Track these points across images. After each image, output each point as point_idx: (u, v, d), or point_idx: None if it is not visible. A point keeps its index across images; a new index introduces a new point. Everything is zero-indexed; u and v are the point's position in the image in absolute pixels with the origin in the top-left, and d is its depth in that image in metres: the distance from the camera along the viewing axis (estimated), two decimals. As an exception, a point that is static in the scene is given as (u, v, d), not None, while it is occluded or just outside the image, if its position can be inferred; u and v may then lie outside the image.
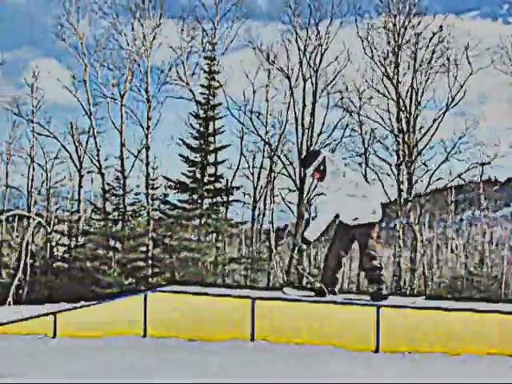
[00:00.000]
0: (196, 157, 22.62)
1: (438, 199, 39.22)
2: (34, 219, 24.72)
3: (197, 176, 22.36)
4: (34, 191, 33.16)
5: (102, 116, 31.28)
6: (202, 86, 23.54)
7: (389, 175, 28.12)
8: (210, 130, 23.01)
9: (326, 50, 26.00)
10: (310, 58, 26.04)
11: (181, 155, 22.56)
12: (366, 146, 28.70)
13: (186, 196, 23.86)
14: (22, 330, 7.14)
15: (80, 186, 32.41)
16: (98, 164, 30.60)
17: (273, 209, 28.97)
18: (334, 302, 5.68)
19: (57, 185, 33.54)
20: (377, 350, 5.41)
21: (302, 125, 25.91)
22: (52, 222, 29.04)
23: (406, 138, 25.88)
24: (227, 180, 24.12)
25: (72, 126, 33.56)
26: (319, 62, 25.84)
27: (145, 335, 6.22)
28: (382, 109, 27.44)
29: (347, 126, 27.86)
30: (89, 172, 34.13)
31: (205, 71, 23.40)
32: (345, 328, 5.51)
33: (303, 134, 25.58)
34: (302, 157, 5.99)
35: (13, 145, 34.73)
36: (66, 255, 24.89)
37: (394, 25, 26.66)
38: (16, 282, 19.89)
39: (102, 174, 30.36)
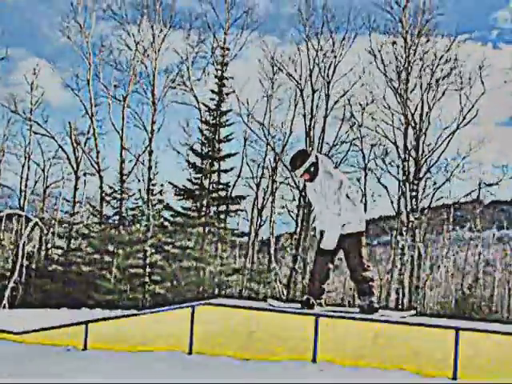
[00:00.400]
0: (203, 163, 22.08)
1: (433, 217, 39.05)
2: (30, 220, 23.93)
3: (203, 183, 21.78)
4: (27, 191, 32.43)
5: (102, 118, 30.81)
6: (213, 91, 23.08)
7: (388, 192, 28.11)
8: (218, 136, 22.42)
9: (339, 61, 25.64)
10: (321, 69, 25.70)
11: (188, 161, 22.01)
12: (366, 161, 28.70)
13: (188, 203, 23.34)
14: (44, 339, 6.59)
15: (76, 188, 31.77)
16: (97, 166, 29.98)
17: (273, 220, 28.47)
18: (407, 324, 5.19)
19: (53, 186, 32.83)
20: (454, 377, 4.92)
21: (309, 136, 25.51)
22: (49, 224, 28.24)
23: (414, 155, 25.64)
24: (228, 187, 23.32)
25: (70, 127, 32.92)
26: (332, 73, 25.49)
27: (190, 352, 5.65)
28: (389, 124, 27.26)
29: (353, 140, 27.56)
30: (85, 174, 33.52)
31: (216, 76, 22.96)
32: (419, 351, 5.01)
33: (310, 146, 25.18)
34: (291, 157, 5.50)
35: (6, 143, 33.95)
36: (62, 258, 24.10)
37: (406, 41, 26.55)
38: (12, 284, 19.06)
39: (101, 177, 29.75)
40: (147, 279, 22.39)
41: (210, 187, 21.84)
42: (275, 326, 5.51)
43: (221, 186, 22.21)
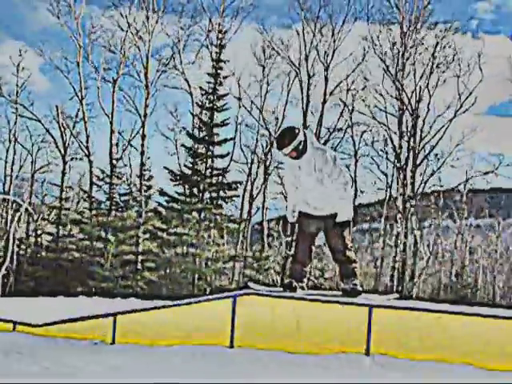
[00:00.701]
0: (197, 148, 21.57)
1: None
2: (20, 205, 23.20)
3: (198, 168, 21.29)
4: (13, 175, 31.58)
5: (90, 102, 30.06)
6: (209, 74, 22.51)
7: (380, 179, 28.12)
8: (215, 120, 21.90)
9: (337, 46, 25.13)
10: (319, 53, 25.19)
11: (184, 145, 21.48)
12: (356, 148, 28.67)
13: (180, 188, 22.86)
14: (69, 332, 6.18)
15: (63, 173, 31.04)
16: (86, 150, 29.27)
17: (266, 206, 28.12)
18: (468, 314, 4.89)
19: (40, 170, 31.95)
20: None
21: (305, 122, 25.15)
22: (38, 209, 27.50)
23: (412, 142, 25.48)
24: (225, 173, 22.82)
25: (58, 110, 32.06)
26: (331, 58, 25.02)
27: (232, 345, 5.29)
28: (383, 110, 27.04)
29: (348, 127, 27.28)
30: (72, 159, 32.77)
31: (212, 59, 22.38)
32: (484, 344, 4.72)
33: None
34: (278, 134, 5.23)
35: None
36: (53, 245, 23.46)
37: (402, 27, 26.29)
38: (3, 271, 18.45)
39: (90, 161, 29.08)
40: (140, 266, 21.96)
41: (207, 173, 21.32)
42: (319, 316, 5.19)
43: (216, 172, 21.68)
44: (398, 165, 26.22)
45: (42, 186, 32.06)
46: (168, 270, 20.99)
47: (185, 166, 21.66)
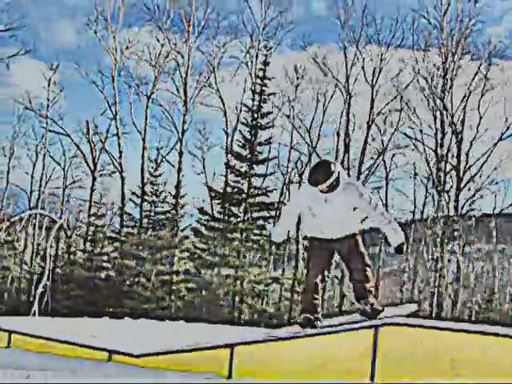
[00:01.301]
0: (242, 167, 21.02)
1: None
2: (55, 221, 22.70)
3: (242, 187, 20.69)
4: (44, 191, 31.40)
5: (122, 116, 29.91)
6: (253, 91, 22.06)
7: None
8: (259, 139, 21.37)
9: (381, 67, 24.70)
10: (365, 73, 24.76)
11: (227, 164, 20.93)
12: (387, 170, 28.41)
13: (217, 208, 22.27)
14: (173, 364, 5.49)
15: (92, 189, 30.77)
16: (119, 167, 28.93)
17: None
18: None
19: (71, 186, 31.67)
20: None
21: (347, 142, 24.57)
22: (72, 225, 27.06)
23: (456, 164, 24.81)
24: (269, 192, 22.18)
25: (88, 125, 31.95)
26: (377, 78, 24.51)
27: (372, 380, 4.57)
28: (425, 133, 26.57)
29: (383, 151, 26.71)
30: (101, 175, 32.57)
31: (257, 76, 22.00)
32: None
33: (347, 152, 24.27)
34: (313, 170, 4.87)
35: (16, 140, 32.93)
36: (88, 263, 22.86)
37: (445, 54, 25.87)
38: (40, 289, 17.84)
39: (123, 178, 28.71)
40: (177, 286, 21.27)
41: (249, 192, 20.69)
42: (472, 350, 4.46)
43: (259, 192, 21.04)
44: (439, 188, 25.57)
45: (70, 201, 31.86)
46: (206, 292, 20.23)
47: (227, 183, 21.04)
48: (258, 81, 21.74)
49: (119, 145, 28.82)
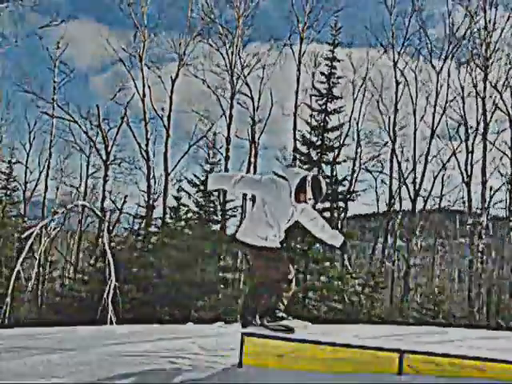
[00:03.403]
0: (310, 154, 19.51)
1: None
2: (102, 219, 20.91)
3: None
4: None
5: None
6: (322, 73, 20.56)
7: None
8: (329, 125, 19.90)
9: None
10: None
11: (295, 150, 19.43)
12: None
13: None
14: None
15: (105, 180, 29.98)
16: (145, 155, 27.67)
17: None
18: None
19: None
20: None
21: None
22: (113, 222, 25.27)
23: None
24: (343, 181, 20.75)
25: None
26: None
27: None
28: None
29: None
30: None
31: (326, 58, 20.55)
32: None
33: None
34: (324, 189, 4.69)
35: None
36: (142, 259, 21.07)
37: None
38: (111, 291, 16.07)
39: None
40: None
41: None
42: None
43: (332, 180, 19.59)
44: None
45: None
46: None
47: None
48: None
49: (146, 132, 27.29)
